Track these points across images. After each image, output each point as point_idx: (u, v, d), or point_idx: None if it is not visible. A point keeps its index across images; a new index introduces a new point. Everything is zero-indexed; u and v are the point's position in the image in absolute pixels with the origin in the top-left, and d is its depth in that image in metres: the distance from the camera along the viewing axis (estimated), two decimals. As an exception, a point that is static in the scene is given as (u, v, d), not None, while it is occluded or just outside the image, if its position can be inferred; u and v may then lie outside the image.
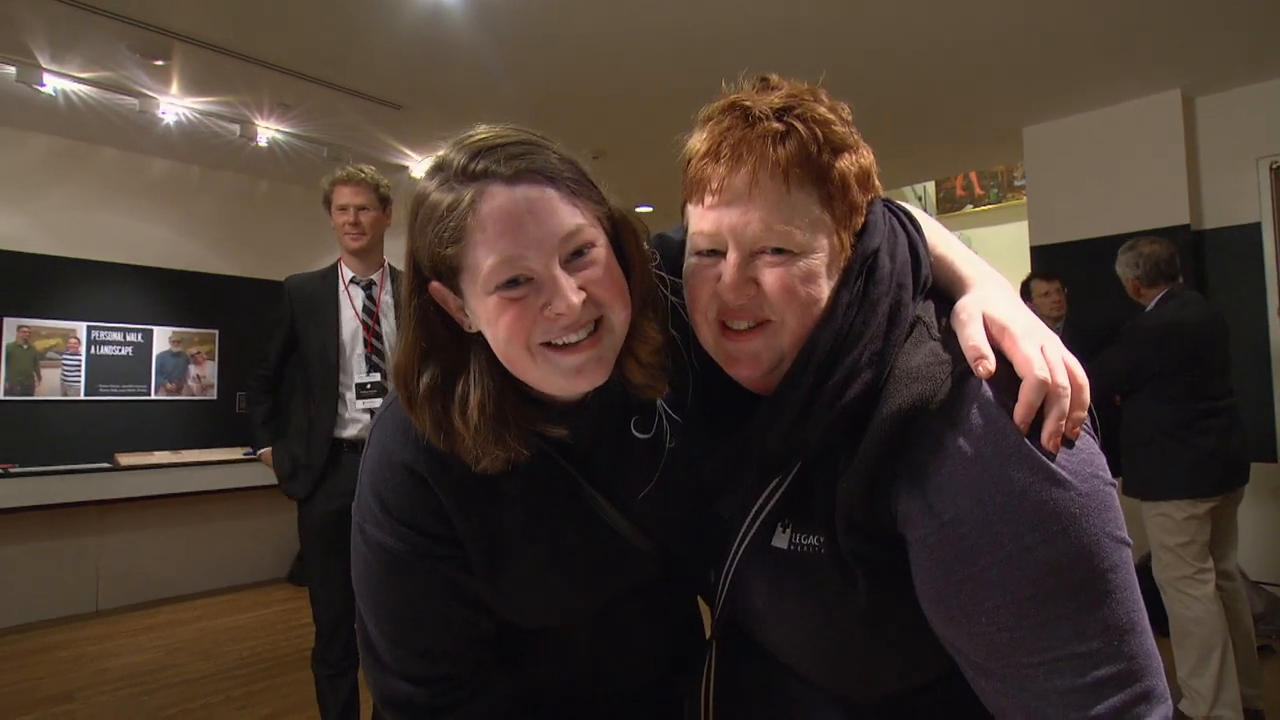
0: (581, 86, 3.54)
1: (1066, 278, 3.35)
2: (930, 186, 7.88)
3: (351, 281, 2.26)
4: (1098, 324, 3.25)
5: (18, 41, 2.99)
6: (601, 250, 0.63)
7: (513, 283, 0.60)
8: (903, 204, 0.71)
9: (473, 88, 3.51)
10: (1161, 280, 2.49)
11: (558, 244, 0.60)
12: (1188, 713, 2.31)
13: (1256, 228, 3.56)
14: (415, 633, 0.70)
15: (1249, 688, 2.35)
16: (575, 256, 0.61)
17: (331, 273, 2.30)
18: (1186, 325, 2.39)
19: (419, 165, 4.47)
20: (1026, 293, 3.43)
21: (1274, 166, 3.53)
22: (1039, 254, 4.06)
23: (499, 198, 0.59)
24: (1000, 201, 7.67)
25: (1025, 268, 4.16)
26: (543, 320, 0.60)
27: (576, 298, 0.60)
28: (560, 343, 0.62)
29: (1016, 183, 7.17)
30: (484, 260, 0.59)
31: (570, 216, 0.60)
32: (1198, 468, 2.35)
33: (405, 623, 0.70)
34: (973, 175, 7.73)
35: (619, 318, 0.64)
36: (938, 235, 0.70)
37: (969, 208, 7.90)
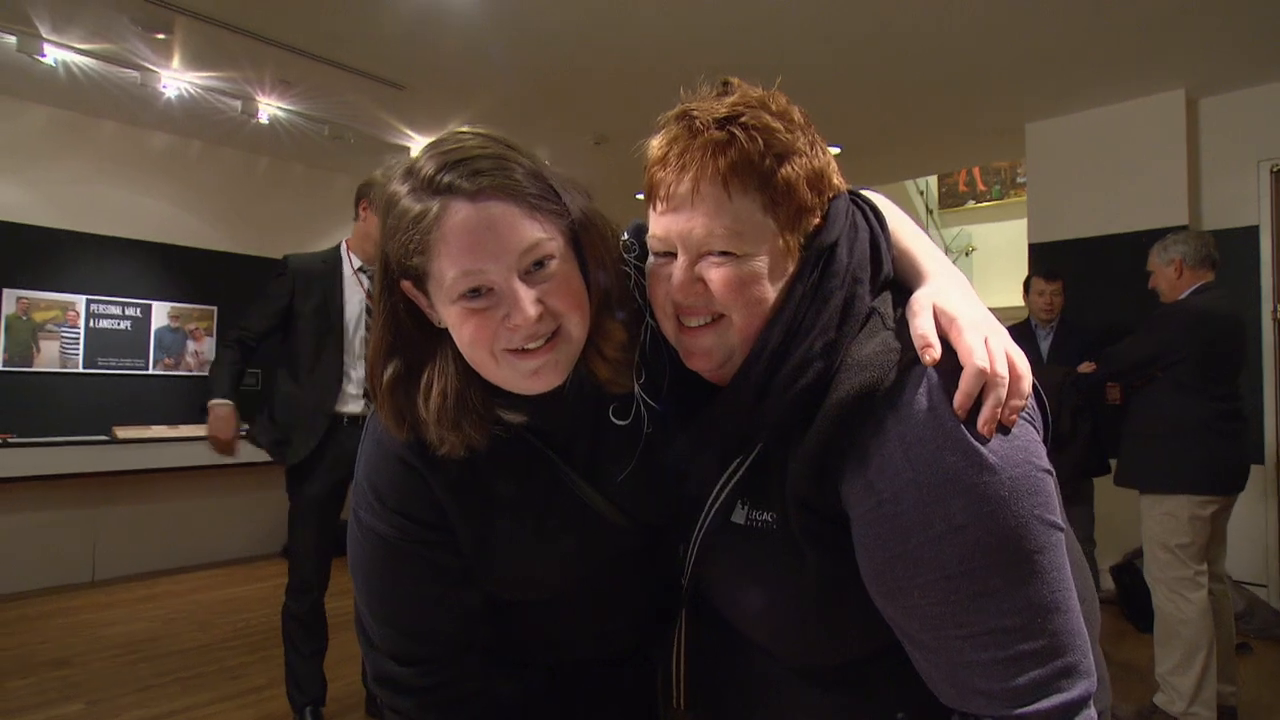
0: (584, 71, 3.53)
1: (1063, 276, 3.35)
2: (932, 181, 7.85)
3: (359, 270, 2.37)
4: (1092, 324, 3.27)
5: (18, 10, 2.98)
6: (560, 262, 0.65)
7: (474, 293, 0.63)
8: (870, 196, 0.73)
9: (474, 70, 3.50)
10: (1205, 265, 2.47)
11: (517, 258, 0.63)
12: (1164, 708, 2.35)
13: (1254, 231, 3.57)
14: (403, 614, 0.75)
15: (1224, 685, 2.39)
16: (536, 268, 0.64)
17: (334, 257, 2.39)
18: (1217, 315, 2.39)
19: (419, 146, 4.45)
20: (1027, 288, 3.41)
21: (1275, 170, 3.53)
22: (1037, 252, 4.07)
23: (462, 213, 0.61)
24: (1003, 198, 7.66)
25: (1024, 265, 4.18)
26: (504, 330, 0.64)
27: (534, 310, 0.63)
28: (520, 348, 0.65)
29: (1019, 179, 7.15)
30: (447, 271, 0.62)
31: (530, 231, 0.63)
32: (1212, 465, 2.33)
33: (394, 605, 0.75)
34: (975, 171, 7.71)
35: (575, 326, 0.67)
36: (903, 229, 0.72)
37: (971, 203, 7.89)
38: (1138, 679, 2.73)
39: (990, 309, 0.65)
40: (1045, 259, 3.89)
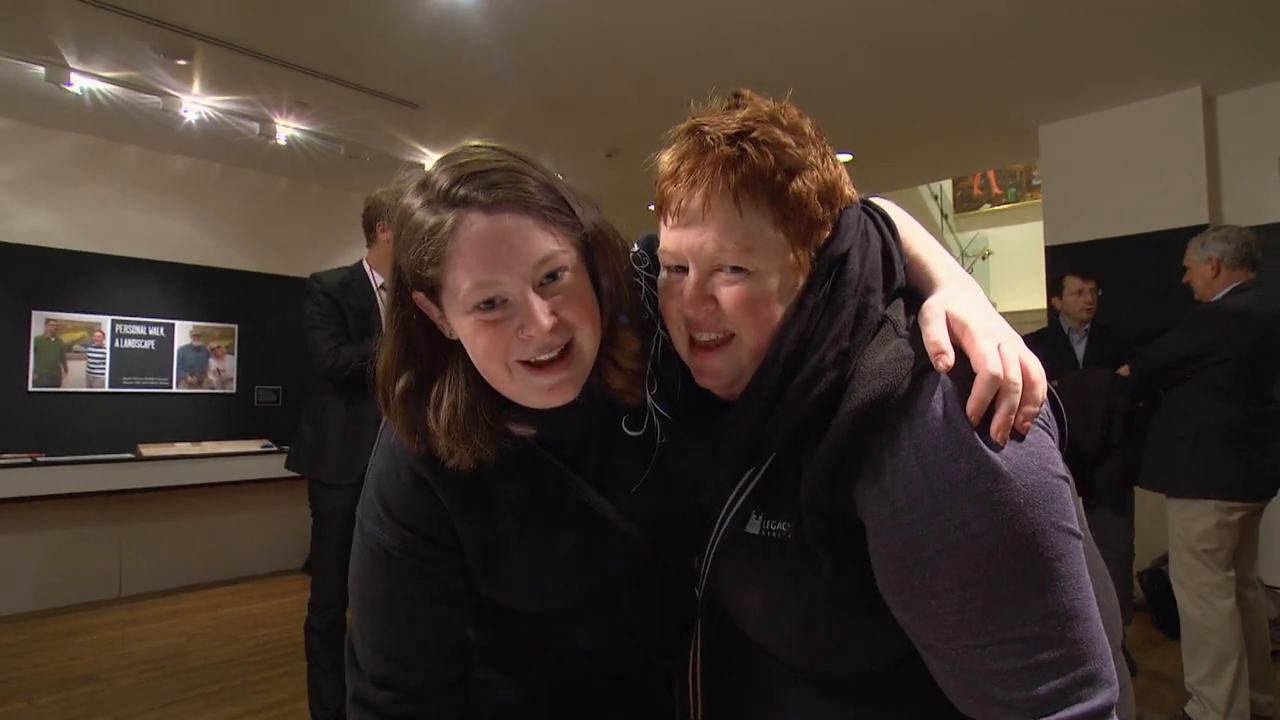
0: (595, 85, 3.56)
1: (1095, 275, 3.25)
2: (947, 186, 7.80)
3: (381, 288, 2.35)
4: (1114, 325, 3.21)
5: (47, 42, 3.07)
6: (572, 274, 0.66)
7: (489, 304, 0.64)
8: (882, 204, 0.73)
9: (488, 87, 3.55)
10: (1244, 265, 2.39)
11: (531, 269, 0.63)
12: (1196, 719, 2.29)
13: (1277, 228, 3.50)
14: (393, 635, 0.74)
15: (1260, 694, 2.32)
16: (549, 279, 0.65)
17: (360, 274, 2.37)
18: (1259, 316, 2.31)
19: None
20: (1059, 290, 3.32)
21: (1296, 166, 3.47)
22: (1054, 254, 4.03)
23: (477, 225, 0.62)
24: (1018, 201, 7.59)
25: (1041, 267, 4.13)
26: (518, 341, 0.64)
27: (547, 320, 0.63)
28: (535, 361, 0.65)
29: (1035, 182, 7.09)
30: (462, 283, 0.63)
31: (544, 243, 0.63)
32: (1243, 471, 2.27)
33: (386, 622, 0.75)
34: (990, 174, 7.65)
35: (587, 339, 0.67)
36: (915, 236, 0.72)
37: (986, 207, 7.82)
38: (1168, 686, 2.66)
39: (1009, 312, 0.64)
40: (1063, 261, 3.84)
